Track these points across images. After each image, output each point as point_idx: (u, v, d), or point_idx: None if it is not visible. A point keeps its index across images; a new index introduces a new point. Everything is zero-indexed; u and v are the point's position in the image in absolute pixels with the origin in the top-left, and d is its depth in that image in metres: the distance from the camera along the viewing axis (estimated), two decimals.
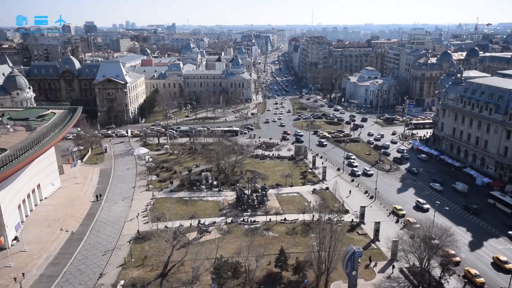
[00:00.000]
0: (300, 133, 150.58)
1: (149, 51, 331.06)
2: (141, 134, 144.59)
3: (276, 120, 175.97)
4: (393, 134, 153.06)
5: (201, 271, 63.31)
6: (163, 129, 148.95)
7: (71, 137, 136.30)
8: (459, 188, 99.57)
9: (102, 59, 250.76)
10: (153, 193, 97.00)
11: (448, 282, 61.81)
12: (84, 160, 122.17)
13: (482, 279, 63.70)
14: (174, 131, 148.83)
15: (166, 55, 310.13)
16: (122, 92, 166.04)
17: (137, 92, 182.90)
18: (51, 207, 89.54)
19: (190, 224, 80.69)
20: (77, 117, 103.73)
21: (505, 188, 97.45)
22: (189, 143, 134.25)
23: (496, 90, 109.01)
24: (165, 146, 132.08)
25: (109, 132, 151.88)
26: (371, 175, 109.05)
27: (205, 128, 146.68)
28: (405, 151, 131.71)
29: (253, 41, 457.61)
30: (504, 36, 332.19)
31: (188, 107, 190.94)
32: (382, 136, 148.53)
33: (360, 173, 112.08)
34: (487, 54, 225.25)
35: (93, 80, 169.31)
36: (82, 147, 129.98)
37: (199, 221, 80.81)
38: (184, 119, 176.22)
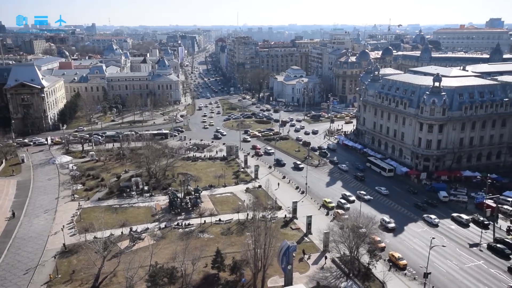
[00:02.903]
0: (271, 151, 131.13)
1: (67, 53, 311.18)
2: (63, 141, 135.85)
3: (208, 127, 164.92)
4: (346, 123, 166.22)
5: (136, 280, 61.23)
6: (88, 135, 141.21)
7: None
8: (331, 147, 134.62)
9: (14, 62, 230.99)
10: (79, 203, 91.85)
11: (375, 267, 66.16)
12: None
13: (404, 261, 68.99)
14: (100, 137, 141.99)
15: (87, 57, 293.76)
16: (39, 97, 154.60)
17: (56, 97, 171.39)
18: None
19: (122, 232, 77.70)
20: None
21: (420, 176, 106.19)
22: (116, 148, 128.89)
23: (409, 86, 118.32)
24: (90, 152, 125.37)
25: (26, 140, 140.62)
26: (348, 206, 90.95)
27: (133, 132, 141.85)
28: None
29: (179, 42, 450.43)
30: (413, 36, 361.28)
31: (113, 111, 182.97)
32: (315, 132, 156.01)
33: (348, 205, 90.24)
34: (400, 53, 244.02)
35: (4, 85, 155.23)
36: None
37: (131, 229, 78.10)
38: (110, 124, 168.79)
